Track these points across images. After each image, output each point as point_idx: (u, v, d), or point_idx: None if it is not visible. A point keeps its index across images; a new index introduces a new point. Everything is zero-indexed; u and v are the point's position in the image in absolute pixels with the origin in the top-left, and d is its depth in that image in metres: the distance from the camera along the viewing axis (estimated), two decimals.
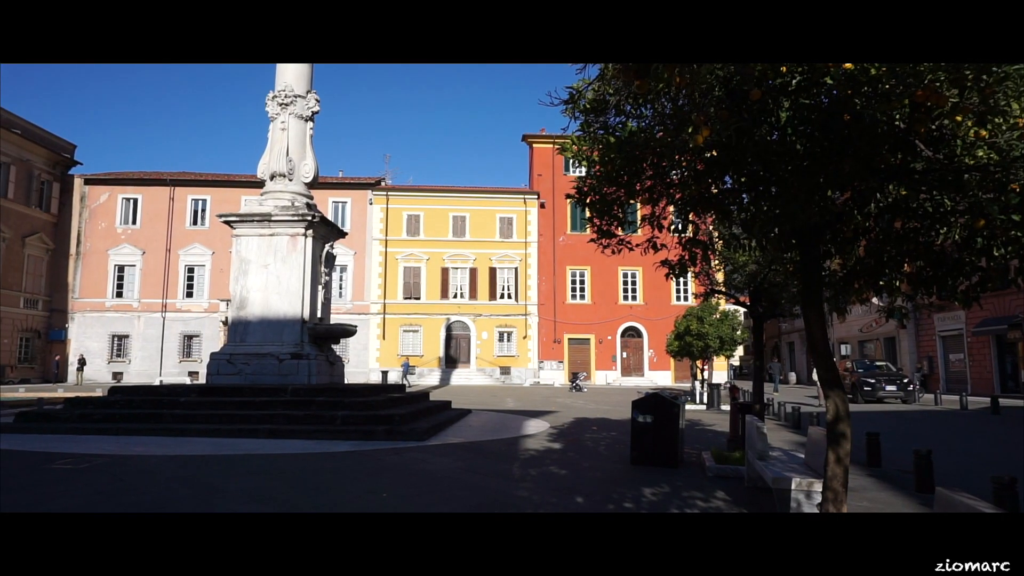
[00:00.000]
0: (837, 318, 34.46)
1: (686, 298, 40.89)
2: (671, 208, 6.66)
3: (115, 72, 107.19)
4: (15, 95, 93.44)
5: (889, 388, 24.86)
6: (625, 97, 5.51)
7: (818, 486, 5.95)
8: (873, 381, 25.04)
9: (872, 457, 9.75)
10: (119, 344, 40.07)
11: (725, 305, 26.76)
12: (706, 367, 27.72)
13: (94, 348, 39.47)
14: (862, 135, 4.20)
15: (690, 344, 24.23)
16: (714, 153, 5.40)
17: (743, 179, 5.44)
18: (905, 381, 25.32)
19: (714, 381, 26.40)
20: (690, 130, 4.85)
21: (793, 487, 6.12)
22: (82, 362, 38.03)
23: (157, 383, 30.39)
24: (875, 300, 7.73)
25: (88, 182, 41.05)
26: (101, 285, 40.13)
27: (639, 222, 6.71)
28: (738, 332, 24.53)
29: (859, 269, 5.75)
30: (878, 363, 28.45)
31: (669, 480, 8.23)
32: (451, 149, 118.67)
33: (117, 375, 39.00)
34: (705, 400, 22.54)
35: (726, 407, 20.05)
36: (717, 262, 11.58)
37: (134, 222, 40.71)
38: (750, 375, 46.85)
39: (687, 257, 6.55)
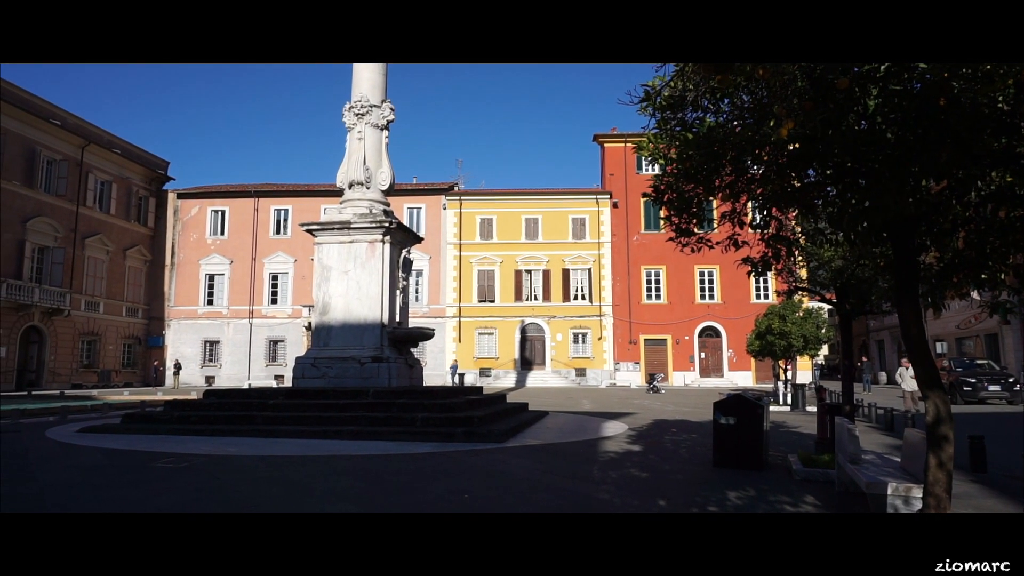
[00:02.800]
0: (932, 314, 32.77)
1: (766, 296, 39.69)
2: (750, 204, 6.48)
3: (202, 89, 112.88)
4: (113, 116, 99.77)
5: (992, 388, 23.37)
6: (703, 92, 5.40)
7: (917, 491, 5.66)
8: (974, 380, 23.62)
9: (976, 462, 9.17)
10: (211, 349, 42.11)
11: (808, 303, 25.83)
12: (789, 367, 26.81)
13: (188, 353, 41.62)
14: (961, 120, 3.98)
15: (772, 343, 23.47)
16: (796, 146, 5.23)
17: (829, 171, 5.24)
18: (1011, 380, 23.75)
19: (798, 381, 25.51)
20: (772, 123, 4.72)
21: (889, 492, 5.84)
22: (178, 367, 40.16)
23: (246, 386, 31.77)
24: (975, 295, 7.30)
25: (180, 196, 43.37)
26: (193, 294, 42.29)
27: (717, 219, 6.56)
28: (822, 331, 23.61)
29: (958, 262, 5.45)
30: (979, 361, 26.80)
31: (754, 483, 7.99)
32: (522, 152, 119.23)
33: (209, 379, 41.00)
34: (789, 401, 21.78)
35: (811, 408, 19.32)
36: (800, 258, 11.19)
37: (222, 233, 42.72)
38: (836, 375, 44.96)
39: (770, 254, 6.36)
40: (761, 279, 39.36)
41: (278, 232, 42.51)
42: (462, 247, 41.92)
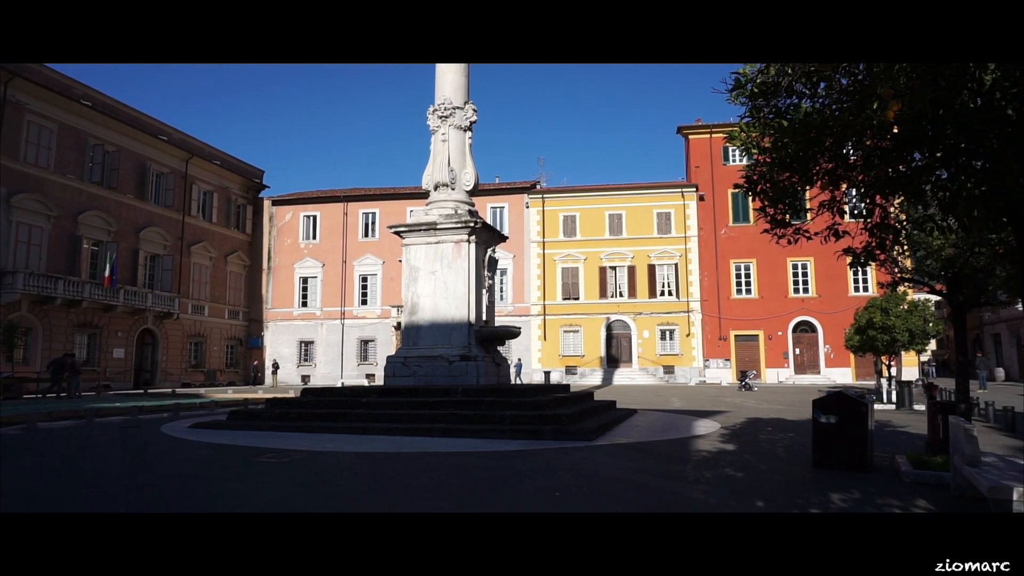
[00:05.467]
0: None
1: (866, 288, 37.81)
2: (844, 193, 6.15)
3: (291, 98, 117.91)
4: (211, 128, 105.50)
5: None
6: (797, 77, 5.18)
7: None
8: None
9: None
10: (306, 349, 43.89)
11: (914, 294, 24.42)
12: (893, 363, 25.40)
13: (285, 353, 43.53)
14: None
15: (874, 338, 22.27)
16: (896, 130, 4.92)
17: (939, 154, 4.92)
18: None
19: (903, 378, 24.12)
20: (875, 105, 4.47)
21: (1015, 497, 5.42)
22: (276, 366, 42.07)
23: (340, 385, 32.93)
24: None
25: (275, 203, 45.43)
26: (289, 296, 44.19)
27: (814, 209, 6.28)
28: (930, 324, 22.21)
29: None
30: None
31: (858, 485, 7.60)
32: (603, 147, 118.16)
33: (305, 377, 42.74)
34: (894, 399, 20.62)
35: (919, 407, 18.24)
36: (906, 247, 10.57)
37: (314, 237, 44.43)
38: (946, 371, 42.21)
39: (874, 244, 6.04)
40: (860, 271, 37.50)
41: (366, 235, 43.83)
42: (545, 245, 41.95)
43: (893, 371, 25.09)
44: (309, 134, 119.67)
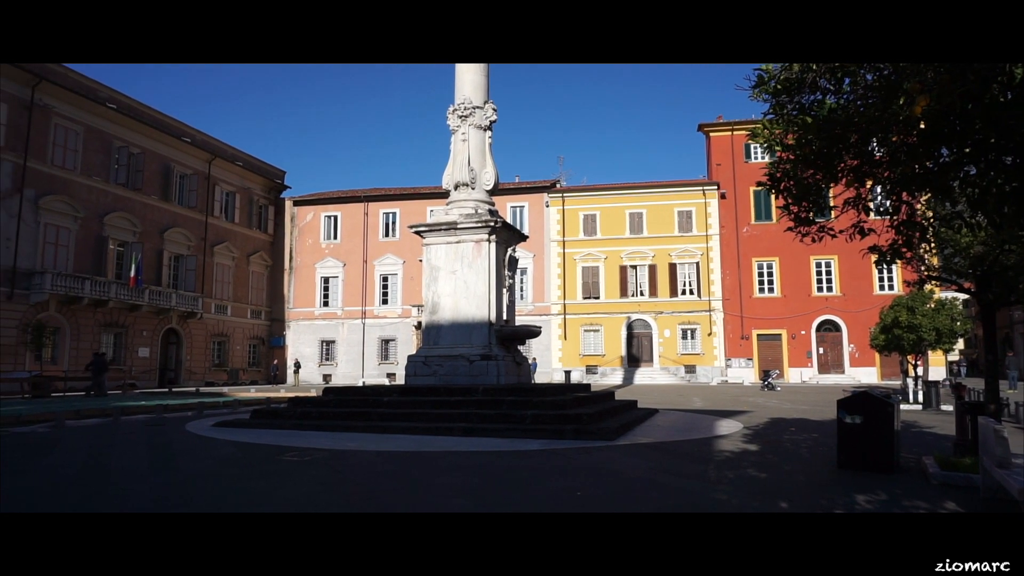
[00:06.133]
0: None
1: (891, 287, 37.27)
2: (869, 190, 6.06)
3: (311, 98, 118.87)
4: (235, 131, 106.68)
5: None
6: (822, 72, 5.11)
7: None
8: None
9: None
10: (327, 349, 44.22)
11: (940, 293, 24.04)
12: (919, 362, 25.01)
13: (307, 353, 43.89)
14: None
15: (899, 337, 21.93)
16: (923, 125, 4.83)
17: (968, 149, 4.82)
18: None
19: (930, 378, 23.75)
20: (902, 101, 4.39)
21: None
22: (297, 365, 42.43)
23: (360, 384, 33.12)
24: None
25: (296, 204, 45.81)
26: (310, 296, 44.55)
27: (838, 206, 6.19)
28: (958, 323, 21.82)
29: None
30: None
31: (884, 487, 7.49)
32: (623, 145, 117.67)
33: (326, 376, 43.05)
34: (920, 399, 20.30)
35: (946, 407, 17.95)
36: (933, 245, 10.39)
37: (335, 237, 44.74)
38: (972, 371, 41.48)
39: (900, 241, 5.95)
40: (885, 270, 37.01)
41: (387, 235, 44.05)
42: (566, 244, 41.87)
43: (920, 371, 24.70)
44: (330, 134, 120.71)
